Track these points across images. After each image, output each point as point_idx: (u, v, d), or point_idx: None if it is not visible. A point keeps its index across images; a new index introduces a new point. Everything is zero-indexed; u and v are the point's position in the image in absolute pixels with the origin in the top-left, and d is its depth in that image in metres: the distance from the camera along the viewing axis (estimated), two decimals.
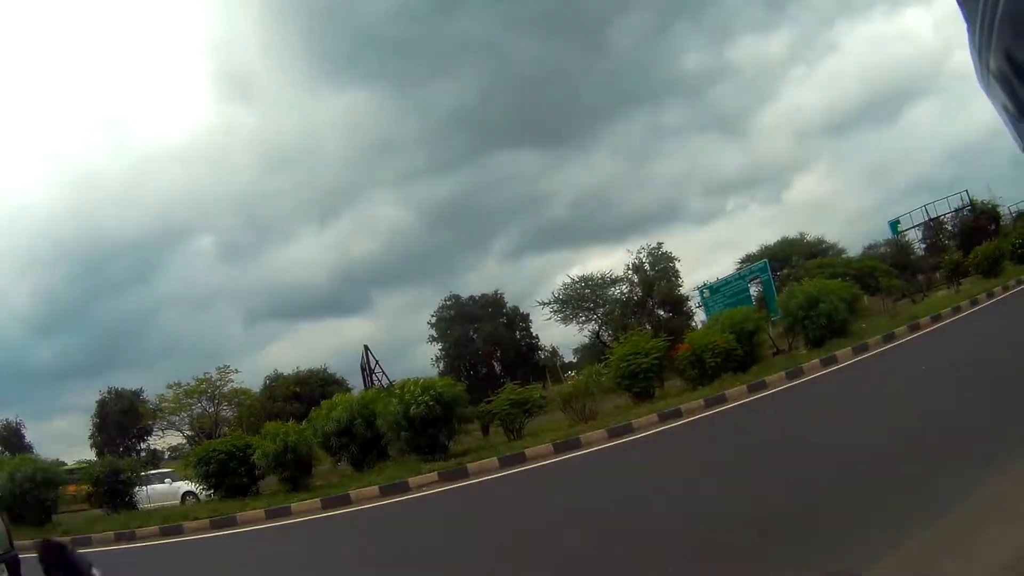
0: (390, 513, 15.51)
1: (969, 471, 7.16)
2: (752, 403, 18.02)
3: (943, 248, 54.29)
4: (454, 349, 47.87)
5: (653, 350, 22.46)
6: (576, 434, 18.27)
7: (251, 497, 20.33)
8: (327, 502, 17.47)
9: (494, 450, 19.20)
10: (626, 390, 22.74)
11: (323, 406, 22.71)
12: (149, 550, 16.93)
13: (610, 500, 10.74)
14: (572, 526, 9.48)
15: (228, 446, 21.50)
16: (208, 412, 43.91)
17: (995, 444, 7.73)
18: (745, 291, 37.01)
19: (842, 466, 8.71)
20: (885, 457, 8.64)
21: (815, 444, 10.82)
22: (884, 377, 17.51)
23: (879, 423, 10.96)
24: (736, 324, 23.45)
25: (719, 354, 21.91)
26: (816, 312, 23.95)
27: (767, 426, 15.28)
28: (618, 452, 16.05)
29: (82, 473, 29.42)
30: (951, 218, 58.05)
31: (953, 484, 6.83)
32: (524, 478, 15.77)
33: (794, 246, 53.26)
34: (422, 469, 18.02)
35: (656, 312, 44.01)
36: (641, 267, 44.54)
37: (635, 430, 17.71)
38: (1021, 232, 43.43)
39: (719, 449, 13.86)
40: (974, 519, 6.02)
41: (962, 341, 19.99)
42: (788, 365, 21.26)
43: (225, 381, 44.16)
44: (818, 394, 17.40)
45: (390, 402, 20.43)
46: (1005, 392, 10.47)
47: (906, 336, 22.49)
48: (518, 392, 22.15)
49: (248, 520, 17.56)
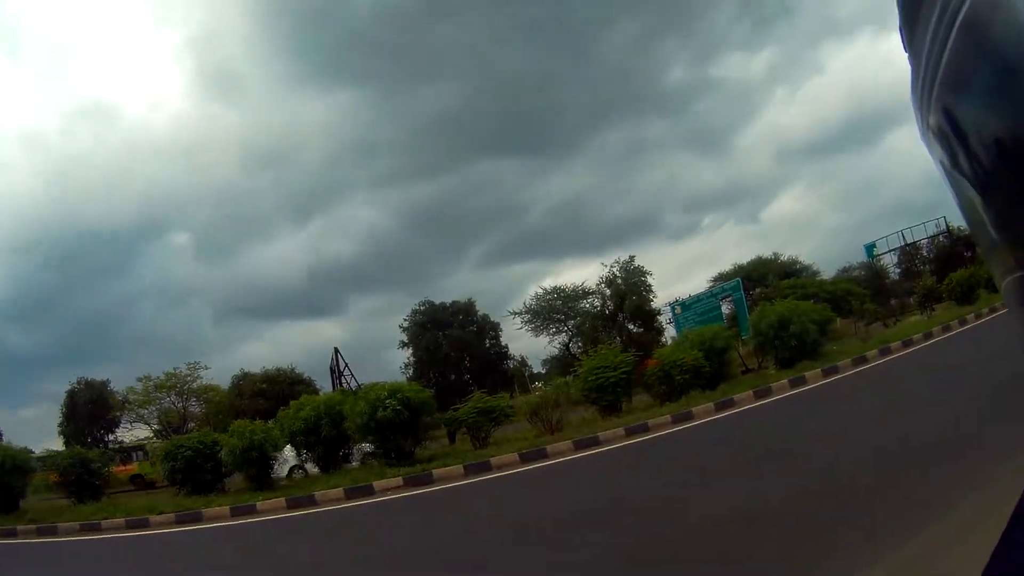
0: (354, 515, 15.58)
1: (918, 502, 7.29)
2: (719, 420, 18.10)
3: (918, 273, 54.65)
4: (424, 355, 47.80)
5: (622, 364, 22.52)
6: (542, 445, 18.37)
7: (217, 494, 20.35)
8: (292, 502, 17.52)
9: (460, 457, 19.23)
10: (593, 403, 22.84)
11: (291, 406, 22.73)
12: (114, 542, 16.95)
13: (573, 512, 10.78)
14: (534, 536, 9.59)
15: (195, 443, 21.49)
16: (176, 407, 43.86)
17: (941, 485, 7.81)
18: (717, 309, 37.29)
19: (801, 489, 8.81)
20: (842, 481, 8.74)
21: (779, 464, 10.89)
22: (852, 400, 17.63)
23: (843, 446, 11.06)
24: (706, 341, 23.53)
25: (688, 371, 22.04)
26: (787, 333, 24.05)
27: (732, 444, 15.34)
28: (583, 464, 16.13)
29: (50, 462, 29.33)
30: (927, 244, 58.57)
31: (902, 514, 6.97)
32: (489, 486, 15.85)
33: (768, 266, 53.67)
34: (387, 473, 18.13)
35: (627, 326, 44.02)
36: (614, 280, 44.58)
37: (601, 443, 17.81)
38: None
39: (684, 465, 13.95)
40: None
41: (932, 367, 20.16)
42: (757, 384, 21.37)
43: (194, 377, 44.19)
44: (785, 414, 17.50)
45: (358, 404, 20.52)
46: (971, 420, 10.66)
47: (877, 360, 22.63)
48: (485, 401, 22.21)
49: (213, 517, 17.59)
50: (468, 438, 22.32)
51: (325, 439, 21.22)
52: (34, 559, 16.57)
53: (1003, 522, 1.31)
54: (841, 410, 16.07)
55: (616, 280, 44.30)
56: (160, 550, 15.47)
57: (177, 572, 13.00)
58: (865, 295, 44.04)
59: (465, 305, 50.53)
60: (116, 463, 35.48)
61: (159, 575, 12.94)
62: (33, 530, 19.60)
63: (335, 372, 42.61)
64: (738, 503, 8.86)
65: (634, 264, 44.43)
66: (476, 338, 49.49)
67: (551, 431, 20.54)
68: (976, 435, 9.46)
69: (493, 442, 21.08)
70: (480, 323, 50.39)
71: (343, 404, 21.64)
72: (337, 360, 42.88)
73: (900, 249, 57.90)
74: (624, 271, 44.11)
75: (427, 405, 20.82)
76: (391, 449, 19.79)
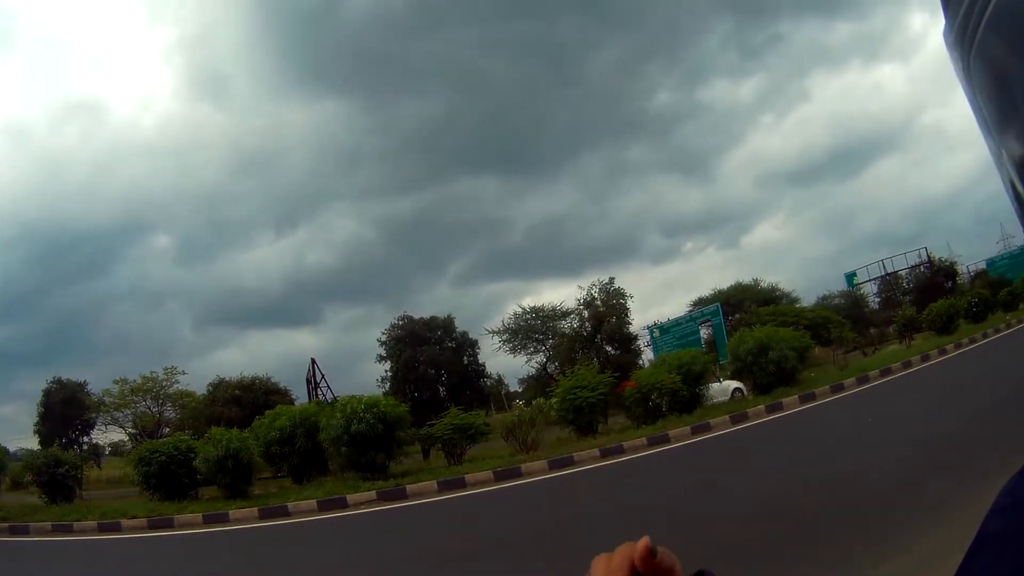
0: (326, 528, 15.55)
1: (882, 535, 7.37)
2: (694, 444, 18.23)
3: (898, 303, 54.93)
4: (402, 370, 47.64)
5: (599, 385, 22.63)
6: (517, 463, 18.41)
7: (190, 500, 20.24)
8: (265, 512, 17.46)
9: (434, 473, 19.27)
10: (570, 424, 22.93)
11: (267, 415, 22.69)
12: (84, 544, 16.95)
13: (546, 530, 10.87)
14: (506, 553, 9.67)
15: (170, 448, 21.32)
16: (152, 411, 43.62)
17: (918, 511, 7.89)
18: (695, 333, 37.51)
19: (773, 515, 8.89)
20: (818, 509, 8.82)
21: (753, 490, 10.95)
22: (827, 426, 17.75)
23: (816, 473, 11.17)
24: (684, 365, 23.61)
25: (665, 394, 22.12)
26: (765, 359, 24.18)
27: (706, 468, 15.44)
28: (557, 484, 16.23)
29: (24, 461, 29.21)
30: (907, 273, 58.91)
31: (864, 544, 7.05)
32: (462, 503, 15.88)
33: (748, 292, 53.86)
34: (361, 487, 18.10)
35: (604, 348, 43.98)
36: (592, 302, 44.45)
37: (576, 463, 17.89)
38: (977, 291, 44.12)
39: (658, 487, 14.05)
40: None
41: (910, 396, 20.29)
42: (733, 409, 21.51)
43: (171, 382, 43.94)
44: (761, 439, 17.62)
45: (333, 416, 20.52)
46: (945, 448, 10.81)
47: (854, 388, 22.78)
48: (461, 418, 22.28)
49: (185, 523, 17.53)
50: (443, 454, 22.35)
51: (300, 450, 21.17)
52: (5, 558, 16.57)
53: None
54: (816, 437, 16.19)
55: (595, 301, 44.26)
56: (128, 555, 15.47)
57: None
58: (844, 323, 44.25)
59: (444, 321, 50.24)
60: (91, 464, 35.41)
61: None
62: (5, 528, 19.52)
63: (311, 383, 42.39)
64: (707, 526, 8.96)
65: (614, 286, 44.38)
66: (454, 355, 49.25)
67: (526, 450, 20.58)
68: (950, 463, 9.68)
69: (468, 459, 21.09)
70: (459, 340, 50.18)
71: (318, 416, 21.65)
72: (314, 371, 42.69)
73: (880, 278, 58.27)
74: (604, 292, 44.08)
75: (402, 420, 20.79)
76: (365, 463, 19.72)
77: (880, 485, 9.53)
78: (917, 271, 57.95)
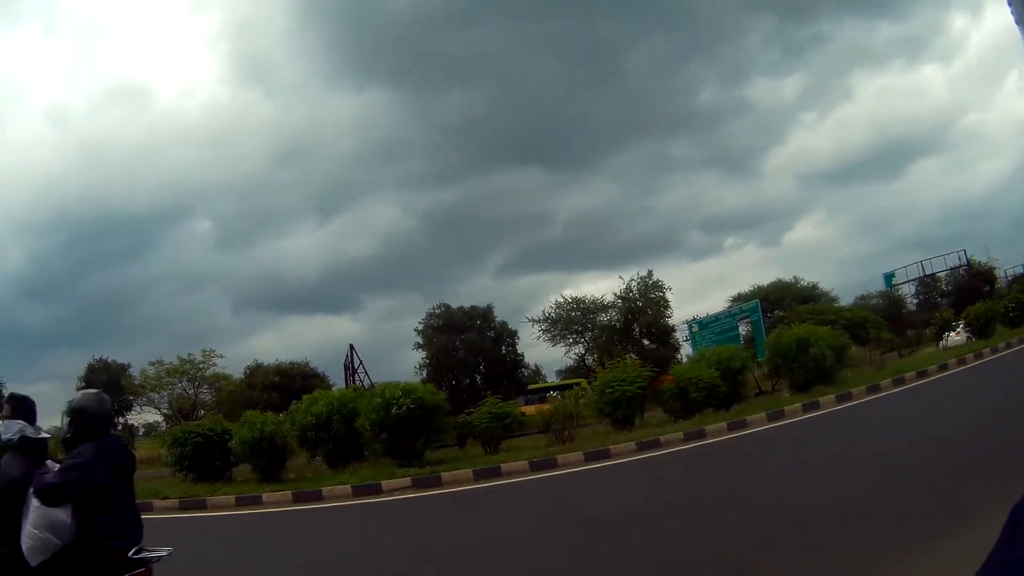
0: (360, 514, 15.54)
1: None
2: (730, 440, 18.00)
3: (935, 305, 54.32)
4: (438, 358, 47.50)
5: (638, 379, 22.40)
6: (553, 454, 18.25)
7: (224, 483, 20.27)
8: (298, 496, 17.51)
9: (470, 462, 19.15)
10: (607, 416, 22.70)
11: (304, 400, 22.63)
12: None
13: (579, 523, 10.75)
14: (540, 545, 9.51)
15: (205, 430, 21.46)
16: (188, 393, 43.86)
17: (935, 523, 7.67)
18: (734, 329, 37.12)
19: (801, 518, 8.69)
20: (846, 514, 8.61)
21: (787, 490, 10.76)
22: (862, 427, 17.45)
23: (851, 475, 10.95)
24: (723, 361, 23.39)
25: (703, 389, 21.91)
26: (804, 357, 23.89)
27: (742, 464, 15.22)
28: (593, 476, 16.06)
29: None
30: (946, 276, 58.26)
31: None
32: (497, 492, 15.80)
33: (787, 290, 53.47)
34: (396, 473, 18.07)
35: (642, 341, 43.82)
36: (630, 295, 44.21)
37: (612, 456, 17.73)
38: (1015, 295, 43.49)
39: (693, 483, 13.91)
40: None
41: (945, 399, 19.98)
42: (770, 406, 21.24)
43: (208, 364, 44.18)
44: (796, 439, 17.35)
45: (371, 402, 20.47)
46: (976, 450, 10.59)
47: (890, 389, 22.45)
48: (499, 407, 22.11)
49: (218, 505, 17.62)
50: (479, 443, 22.21)
51: (336, 435, 21.12)
52: None
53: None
54: (851, 437, 15.91)
55: (633, 294, 44.07)
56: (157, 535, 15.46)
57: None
58: (882, 324, 43.75)
59: (484, 310, 50.32)
60: None
61: None
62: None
63: (349, 369, 42.47)
64: (739, 524, 8.89)
65: (653, 279, 44.27)
66: (492, 344, 49.22)
67: (563, 441, 20.41)
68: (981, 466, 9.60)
69: (504, 448, 20.98)
70: (497, 329, 50.09)
71: (356, 401, 21.63)
72: (352, 357, 42.77)
73: (919, 280, 57.65)
74: (643, 285, 43.99)
75: (440, 407, 20.72)
76: (402, 449, 19.67)
77: (910, 488, 9.40)
78: (956, 274, 57.33)
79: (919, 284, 58.67)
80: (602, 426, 23.16)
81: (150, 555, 5.04)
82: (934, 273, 56.90)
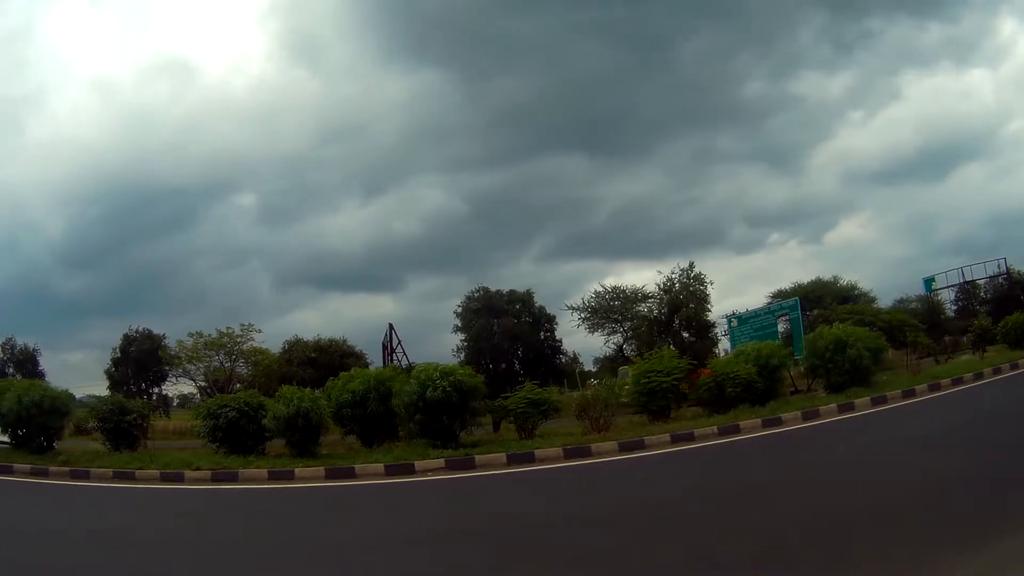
0: (392, 492, 15.69)
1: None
2: (763, 437, 17.91)
3: (974, 312, 53.69)
4: (476, 341, 47.51)
5: (675, 370, 22.39)
6: (588, 442, 18.22)
7: (256, 456, 20.42)
8: (331, 472, 17.65)
9: (504, 446, 19.20)
10: (643, 407, 22.73)
11: (341, 377, 22.72)
12: (146, 493, 17.19)
13: (612, 512, 10.78)
14: (566, 531, 9.56)
15: (240, 403, 21.59)
16: (224, 366, 44.20)
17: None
18: (773, 326, 36.94)
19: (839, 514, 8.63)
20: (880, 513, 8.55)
21: (813, 490, 10.71)
22: (897, 430, 17.31)
23: (883, 478, 10.85)
24: (761, 357, 23.16)
25: (740, 384, 21.79)
26: (841, 357, 23.66)
27: (773, 461, 15.22)
28: (627, 466, 16.09)
29: (88, 408, 29.58)
30: (986, 283, 57.62)
31: None
32: (529, 477, 15.84)
33: (827, 288, 53.08)
34: (430, 454, 18.14)
35: (681, 334, 43.59)
36: (671, 287, 44.02)
37: (646, 447, 17.69)
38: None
39: (725, 477, 13.87)
40: None
41: (979, 407, 19.78)
42: (805, 405, 21.05)
43: (247, 338, 44.51)
44: (830, 438, 17.25)
45: (408, 382, 20.53)
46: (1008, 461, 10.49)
47: (926, 394, 22.21)
48: (536, 392, 22.07)
49: (250, 478, 17.80)
50: (514, 428, 22.17)
51: (371, 414, 21.24)
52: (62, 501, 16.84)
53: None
54: (885, 440, 15.78)
55: (674, 286, 43.87)
56: (188, 506, 15.62)
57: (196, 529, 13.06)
58: (920, 328, 43.26)
59: (523, 295, 50.22)
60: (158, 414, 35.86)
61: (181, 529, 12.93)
62: (66, 472, 19.81)
63: (387, 348, 42.71)
64: (767, 522, 8.86)
65: (694, 271, 44.02)
66: (531, 329, 49.16)
67: (598, 430, 20.33)
68: None
69: (539, 434, 20.93)
70: (536, 315, 50.00)
71: (393, 381, 21.70)
72: (391, 336, 43.04)
73: (959, 286, 57.05)
74: (685, 277, 43.82)
75: (477, 390, 20.65)
76: (437, 430, 19.72)
77: (948, 492, 9.36)
78: (996, 282, 56.67)
79: (959, 290, 58.07)
80: (637, 416, 23.11)
81: None
82: (974, 280, 56.26)
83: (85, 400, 42.36)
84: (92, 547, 10.61)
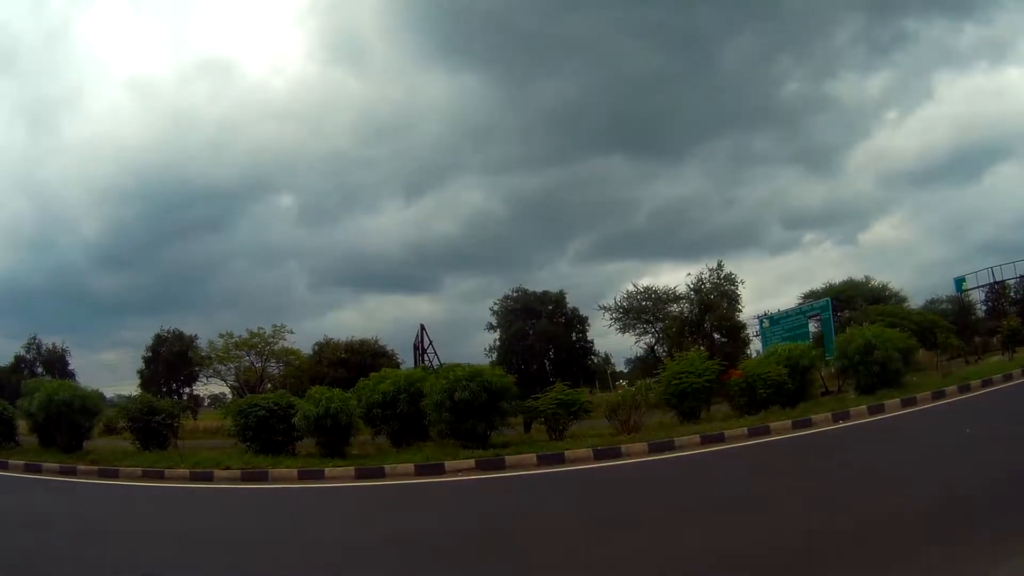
0: (421, 492, 15.71)
1: None
2: (794, 439, 17.82)
3: (1004, 313, 53.16)
4: (509, 341, 47.52)
5: (706, 372, 22.32)
6: (618, 444, 18.20)
7: (286, 455, 20.51)
8: (361, 472, 17.74)
9: (534, 447, 19.18)
10: (673, 408, 22.65)
11: (371, 378, 22.94)
12: (175, 492, 17.38)
13: (641, 513, 10.80)
14: (595, 533, 9.54)
15: (271, 403, 21.76)
16: (255, 367, 44.44)
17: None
18: (804, 326, 36.76)
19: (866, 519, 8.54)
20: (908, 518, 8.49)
21: (841, 492, 10.64)
22: (925, 434, 17.19)
23: (912, 481, 10.82)
24: (792, 358, 23.09)
25: (771, 385, 21.72)
26: (871, 358, 23.49)
27: (803, 463, 15.20)
28: (656, 467, 16.08)
29: (118, 407, 29.78)
30: (1016, 284, 57.03)
31: None
32: (559, 478, 15.82)
33: (858, 289, 52.49)
34: (460, 455, 18.18)
35: (712, 335, 43.38)
36: (702, 287, 43.63)
37: (676, 448, 17.67)
38: None
39: (754, 478, 13.85)
40: None
41: (1010, 409, 19.61)
42: (835, 407, 20.91)
43: (278, 339, 44.77)
44: (861, 440, 17.14)
45: (437, 383, 20.53)
46: None
47: (955, 396, 22.02)
48: (567, 393, 22.01)
49: (280, 478, 17.91)
50: (544, 428, 22.19)
51: (401, 414, 21.36)
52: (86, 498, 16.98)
53: None
54: (915, 442, 15.71)
55: (704, 286, 43.50)
56: (213, 507, 15.71)
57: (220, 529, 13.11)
58: (951, 329, 42.91)
59: (556, 296, 50.10)
60: (187, 414, 36.05)
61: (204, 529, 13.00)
62: (95, 471, 19.96)
63: (418, 349, 42.80)
64: (796, 522, 8.92)
65: (723, 271, 43.60)
66: (563, 330, 49.06)
67: (628, 431, 20.31)
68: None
69: (569, 435, 20.94)
70: (569, 315, 49.85)
71: (423, 382, 21.70)
72: (422, 337, 43.09)
73: (989, 286, 56.47)
74: (715, 277, 43.40)
75: (508, 391, 20.65)
76: (466, 431, 19.76)
77: (970, 497, 9.27)
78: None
79: (989, 290, 57.48)
80: (667, 417, 22.99)
81: None
82: (1004, 280, 55.66)
83: (115, 400, 42.66)
84: (110, 541, 10.72)
